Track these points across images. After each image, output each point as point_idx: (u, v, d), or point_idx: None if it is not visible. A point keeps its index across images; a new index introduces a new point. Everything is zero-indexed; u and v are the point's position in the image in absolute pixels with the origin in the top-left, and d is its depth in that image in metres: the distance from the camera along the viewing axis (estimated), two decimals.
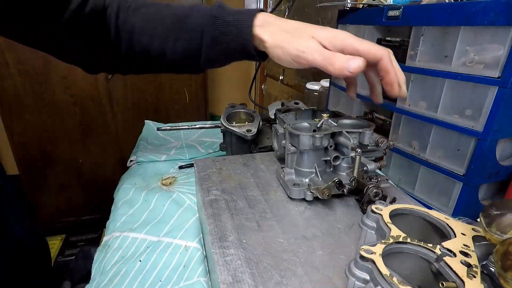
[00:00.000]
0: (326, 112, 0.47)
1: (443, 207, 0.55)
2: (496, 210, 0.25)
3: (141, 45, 0.48)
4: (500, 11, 0.42)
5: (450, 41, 0.50)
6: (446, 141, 0.53)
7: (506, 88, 0.43)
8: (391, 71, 0.38)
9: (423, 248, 0.25)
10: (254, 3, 2.11)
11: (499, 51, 0.43)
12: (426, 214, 0.30)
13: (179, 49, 0.47)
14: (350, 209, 0.40)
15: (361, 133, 0.42)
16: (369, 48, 0.38)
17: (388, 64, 0.38)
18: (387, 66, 0.38)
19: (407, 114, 0.60)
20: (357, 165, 0.38)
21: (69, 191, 1.73)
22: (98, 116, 1.65)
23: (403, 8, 0.58)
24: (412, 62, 0.58)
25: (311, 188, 0.39)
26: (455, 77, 0.50)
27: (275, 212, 0.38)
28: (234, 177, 0.46)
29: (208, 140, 0.82)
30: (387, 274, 0.21)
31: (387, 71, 0.38)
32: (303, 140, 0.40)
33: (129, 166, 0.74)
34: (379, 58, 0.38)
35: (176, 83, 1.72)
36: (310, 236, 0.34)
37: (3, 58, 1.41)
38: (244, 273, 0.29)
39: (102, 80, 1.58)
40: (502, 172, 0.51)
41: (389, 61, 0.38)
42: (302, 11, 1.55)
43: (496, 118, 0.45)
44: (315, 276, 0.29)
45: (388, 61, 0.38)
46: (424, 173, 0.58)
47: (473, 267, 0.23)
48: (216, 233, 0.34)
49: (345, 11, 0.79)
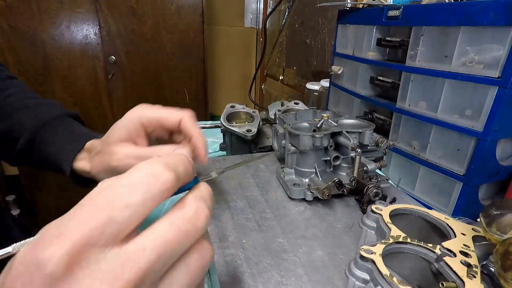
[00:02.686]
0: (326, 112, 0.47)
1: (443, 207, 0.55)
2: (496, 210, 0.25)
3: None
4: (500, 11, 0.42)
5: (450, 41, 0.50)
6: (446, 141, 0.53)
7: (506, 88, 0.43)
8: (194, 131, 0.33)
9: (423, 248, 0.25)
10: (254, 3, 2.11)
11: (499, 51, 0.43)
12: (426, 214, 0.30)
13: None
14: (350, 209, 0.40)
15: (361, 133, 0.42)
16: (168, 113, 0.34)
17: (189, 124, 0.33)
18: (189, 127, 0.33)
19: (407, 114, 0.60)
20: (357, 165, 0.38)
21: (69, 191, 1.72)
22: (98, 116, 1.65)
23: (403, 8, 0.58)
24: (412, 62, 0.58)
25: (311, 188, 0.39)
26: (455, 77, 0.49)
27: (275, 212, 0.38)
28: (234, 177, 0.46)
29: (208, 140, 0.82)
30: (387, 274, 0.21)
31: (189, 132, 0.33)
32: (303, 140, 0.40)
33: None
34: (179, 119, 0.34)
35: (176, 83, 1.72)
36: (310, 236, 0.34)
37: (3, 58, 1.41)
38: (244, 273, 0.29)
39: (102, 80, 1.58)
40: (502, 172, 0.51)
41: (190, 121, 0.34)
42: (302, 11, 1.55)
43: (496, 118, 0.45)
44: (315, 276, 0.29)
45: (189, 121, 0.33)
46: (424, 173, 0.58)
47: (473, 267, 0.23)
48: (216, 233, 0.34)
49: (345, 11, 0.79)
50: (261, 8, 2.10)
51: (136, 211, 0.17)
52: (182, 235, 0.18)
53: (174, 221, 0.18)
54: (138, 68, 1.62)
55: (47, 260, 0.15)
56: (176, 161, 0.19)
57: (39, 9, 1.39)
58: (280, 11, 1.79)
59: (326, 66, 1.31)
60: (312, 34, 1.44)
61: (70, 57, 1.48)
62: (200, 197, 0.20)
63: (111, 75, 1.58)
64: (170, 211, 0.19)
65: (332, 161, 0.42)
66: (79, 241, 0.15)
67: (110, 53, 1.55)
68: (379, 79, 0.69)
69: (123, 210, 0.17)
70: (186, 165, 0.20)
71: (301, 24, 1.55)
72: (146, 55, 1.61)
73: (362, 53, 0.72)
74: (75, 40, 1.48)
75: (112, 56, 1.55)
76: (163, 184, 0.18)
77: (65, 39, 1.46)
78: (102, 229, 0.16)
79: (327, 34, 1.31)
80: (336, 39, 0.85)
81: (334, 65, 0.85)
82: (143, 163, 0.18)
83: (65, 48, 1.47)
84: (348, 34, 0.79)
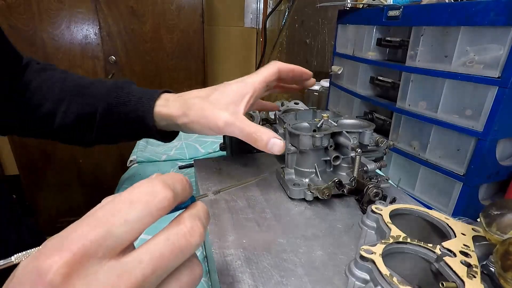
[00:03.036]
0: (326, 112, 0.47)
1: (443, 207, 0.55)
2: (496, 210, 0.25)
3: (31, 104, 0.45)
4: (500, 11, 0.42)
5: (450, 41, 0.50)
6: (446, 141, 0.53)
7: (506, 88, 0.43)
8: (292, 67, 0.43)
9: (423, 248, 0.25)
10: (254, 3, 2.11)
11: (499, 51, 0.43)
12: (426, 214, 0.30)
13: (71, 113, 0.45)
14: (350, 209, 0.40)
15: (361, 133, 0.42)
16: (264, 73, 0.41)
17: (285, 66, 0.43)
18: (288, 67, 0.43)
19: (407, 114, 0.60)
20: (357, 165, 0.38)
21: (69, 191, 1.72)
22: None
23: (403, 8, 0.58)
24: (412, 62, 0.58)
25: (311, 188, 0.39)
26: (455, 77, 0.49)
27: (275, 212, 0.38)
28: (234, 177, 0.46)
29: (208, 140, 0.82)
30: (387, 274, 0.21)
31: (291, 69, 0.43)
32: (303, 140, 0.40)
33: (129, 166, 0.74)
34: (275, 70, 0.42)
35: (177, 83, 1.72)
36: (310, 236, 0.34)
37: None
38: (244, 273, 0.29)
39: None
40: (502, 172, 0.51)
41: (284, 65, 0.43)
42: (302, 11, 1.55)
43: (496, 118, 0.45)
44: (315, 276, 0.29)
45: (284, 65, 0.43)
46: (424, 173, 0.58)
47: (473, 267, 0.23)
48: (216, 233, 0.34)
49: (345, 11, 0.79)
50: (261, 8, 2.10)
51: (134, 226, 0.18)
52: (177, 250, 0.19)
53: (170, 236, 0.19)
54: (138, 68, 1.62)
55: (47, 269, 0.15)
56: (174, 181, 0.20)
57: (39, 9, 1.39)
58: (280, 11, 1.79)
59: (326, 66, 1.31)
60: (312, 34, 1.44)
61: (70, 57, 1.48)
62: (196, 215, 0.21)
63: (111, 75, 1.58)
64: (167, 227, 0.19)
65: (332, 161, 0.41)
66: (78, 252, 0.16)
67: (110, 53, 1.55)
68: (379, 79, 0.69)
69: (121, 225, 0.17)
70: (183, 184, 0.21)
71: (301, 24, 1.55)
72: (146, 55, 1.61)
73: (362, 53, 0.72)
74: (75, 40, 1.48)
75: (112, 56, 1.55)
76: (160, 202, 0.19)
77: (65, 39, 1.46)
78: (100, 241, 0.17)
79: (327, 34, 1.31)
80: (336, 39, 0.85)
81: (334, 65, 0.85)
82: (143, 181, 0.19)
83: (65, 48, 1.47)
84: (348, 34, 0.79)
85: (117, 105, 0.44)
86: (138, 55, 1.60)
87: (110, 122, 0.45)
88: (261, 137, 0.36)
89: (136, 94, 0.44)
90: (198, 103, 0.40)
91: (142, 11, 1.53)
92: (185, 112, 0.40)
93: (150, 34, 1.58)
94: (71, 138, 0.48)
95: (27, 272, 0.16)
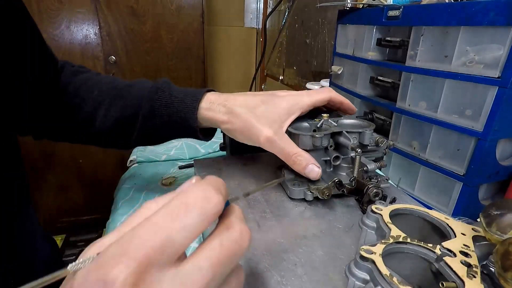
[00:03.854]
0: (326, 112, 0.47)
1: (443, 207, 0.55)
2: (496, 210, 0.25)
3: (69, 107, 0.45)
4: (500, 11, 0.42)
5: (450, 41, 0.50)
6: (446, 141, 0.53)
7: (506, 88, 0.43)
8: (342, 99, 0.45)
9: (423, 248, 0.25)
10: (254, 3, 2.11)
11: (499, 51, 0.43)
12: (426, 214, 0.30)
13: (111, 116, 0.44)
14: (350, 209, 0.40)
15: (361, 133, 0.42)
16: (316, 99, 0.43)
17: (337, 97, 0.44)
18: (339, 99, 0.45)
19: (407, 114, 0.60)
20: (357, 165, 0.38)
21: (69, 191, 1.72)
22: None
23: (403, 8, 0.58)
24: (412, 62, 0.58)
25: (311, 188, 0.39)
26: (455, 77, 0.49)
27: (275, 212, 0.38)
28: (234, 177, 0.46)
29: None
30: (387, 274, 0.21)
31: (341, 101, 0.45)
32: (303, 140, 0.40)
33: (129, 166, 0.74)
34: (327, 99, 0.44)
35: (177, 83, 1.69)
36: (310, 236, 0.34)
37: None
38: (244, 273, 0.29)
39: None
40: (502, 172, 0.51)
41: (336, 95, 0.44)
42: (302, 11, 1.55)
43: (496, 118, 0.45)
44: (315, 276, 0.29)
45: (336, 95, 0.44)
46: (424, 173, 0.58)
47: (473, 267, 0.23)
48: None
49: (345, 11, 0.79)
50: (261, 8, 2.10)
51: (192, 232, 0.17)
52: (231, 255, 0.18)
53: (223, 242, 0.18)
54: (138, 68, 1.62)
55: (114, 279, 0.15)
56: (220, 184, 0.20)
57: (39, 9, 1.39)
58: (280, 11, 1.79)
59: (326, 66, 1.31)
60: (312, 34, 1.44)
61: (70, 57, 1.48)
62: (241, 219, 0.20)
63: (111, 75, 1.58)
64: (217, 232, 0.19)
65: (332, 161, 0.41)
66: (143, 261, 0.15)
67: (110, 53, 1.55)
68: (379, 79, 0.69)
69: (180, 230, 0.17)
70: (226, 188, 0.21)
71: (301, 24, 1.55)
72: (146, 55, 1.61)
73: (362, 53, 0.72)
74: (75, 40, 1.48)
75: (112, 56, 1.55)
76: (215, 206, 0.18)
77: (65, 39, 1.46)
78: (163, 248, 0.16)
79: (327, 34, 1.31)
80: (336, 39, 0.85)
81: (334, 65, 0.85)
82: (193, 185, 0.19)
83: (65, 48, 1.47)
84: (348, 34, 0.79)
85: (160, 107, 0.43)
86: (138, 55, 1.60)
87: (153, 124, 0.44)
88: (301, 161, 0.38)
89: (178, 95, 0.43)
90: (244, 114, 0.40)
91: (142, 11, 1.53)
92: (230, 120, 0.41)
93: (150, 34, 1.58)
94: (110, 141, 0.48)
95: (91, 282, 0.15)
